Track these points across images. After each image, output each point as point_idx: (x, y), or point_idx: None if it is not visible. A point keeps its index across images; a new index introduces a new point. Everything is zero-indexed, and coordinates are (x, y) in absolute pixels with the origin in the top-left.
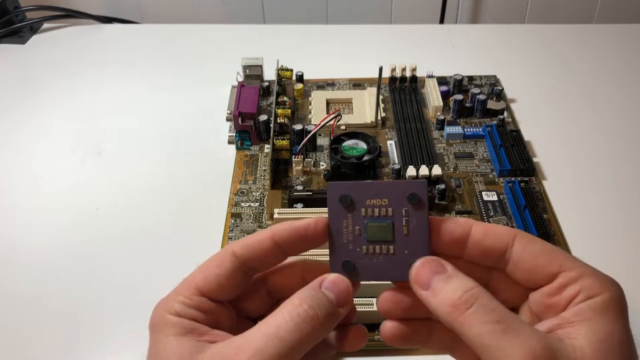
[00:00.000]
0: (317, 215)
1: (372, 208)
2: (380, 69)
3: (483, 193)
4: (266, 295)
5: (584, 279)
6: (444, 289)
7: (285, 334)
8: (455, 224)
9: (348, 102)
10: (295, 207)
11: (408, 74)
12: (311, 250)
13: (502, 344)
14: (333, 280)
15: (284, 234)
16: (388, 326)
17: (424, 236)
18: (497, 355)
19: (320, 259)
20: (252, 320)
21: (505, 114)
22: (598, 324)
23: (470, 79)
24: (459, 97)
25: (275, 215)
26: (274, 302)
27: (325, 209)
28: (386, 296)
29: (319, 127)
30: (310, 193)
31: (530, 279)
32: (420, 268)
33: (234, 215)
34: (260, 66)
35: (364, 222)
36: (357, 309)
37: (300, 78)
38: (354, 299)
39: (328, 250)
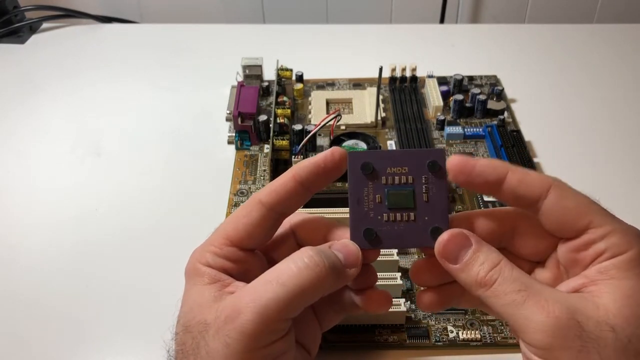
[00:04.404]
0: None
1: (392, 176)
2: (380, 69)
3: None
4: (295, 245)
5: (611, 236)
6: (471, 264)
7: (287, 279)
8: (491, 168)
9: (348, 102)
10: None
11: (408, 74)
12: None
13: (524, 311)
14: (342, 242)
15: (305, 171)
16: (425, 297)
17: (443, 202)
18: (521, 322)
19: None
20: None
21: (506, 114)
22: (622, 282)
23: (471, 79)
24: (459, 97)
25: None
26: None
27: (326, 209)
28: (418, 265)
29: (319, 127)
30: None
31: (559, 230)
32: (447, 242)
33: None
34: (260, 66)
35: (384, 189)
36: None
37: (300, 78)
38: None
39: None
